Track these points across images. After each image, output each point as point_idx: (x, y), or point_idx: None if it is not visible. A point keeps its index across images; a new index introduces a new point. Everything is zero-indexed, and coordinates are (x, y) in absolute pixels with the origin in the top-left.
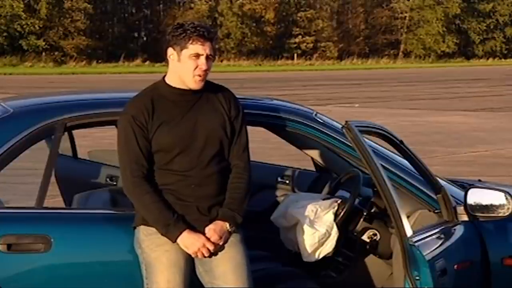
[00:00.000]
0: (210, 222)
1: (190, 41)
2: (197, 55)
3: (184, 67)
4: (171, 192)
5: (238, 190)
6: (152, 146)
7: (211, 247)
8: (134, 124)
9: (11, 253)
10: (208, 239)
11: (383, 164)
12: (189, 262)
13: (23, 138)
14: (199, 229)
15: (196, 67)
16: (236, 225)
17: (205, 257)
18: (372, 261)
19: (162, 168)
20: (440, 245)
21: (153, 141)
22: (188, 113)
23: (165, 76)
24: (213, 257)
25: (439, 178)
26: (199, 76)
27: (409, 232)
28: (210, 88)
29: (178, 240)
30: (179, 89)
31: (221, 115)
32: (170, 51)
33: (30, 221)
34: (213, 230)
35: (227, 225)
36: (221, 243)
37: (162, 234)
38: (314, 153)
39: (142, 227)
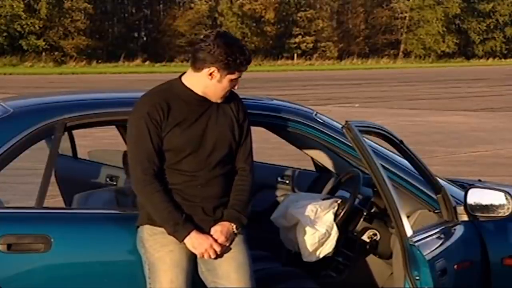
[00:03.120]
0: (215, 222)
1: (239, 68)
2: (237, 78)
3: (220, 87)
4: (178, 192)
5: (243, 192)
6: (163, 145)
7: (218, 249)
8: (148, 121)
9: (11, 253)
10: (215, 240)
11: (383, 164)
12: (192, 262)
13: (23, 138)
14: (204, 230)
15: (230, 87)
16: (241, 226)
17: (210, 258)
18: (372, 261)
19: (171, 168)
20: (440, 245)
21: (165, 140)
22: (201, 116)
23: (181, 76)
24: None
25: (439, 178)
26: (227, 93)
27: (409, 232)
28: None
29: (186, 240)
30: (197, 94)
31: (230, 119)
32: (213, 70)
33: (30, 221)
34: (220, 231)
35: (233, 226)
36: (227, 245)
37: (169, 234)
38: (314, 153)
39: (146, 226)
